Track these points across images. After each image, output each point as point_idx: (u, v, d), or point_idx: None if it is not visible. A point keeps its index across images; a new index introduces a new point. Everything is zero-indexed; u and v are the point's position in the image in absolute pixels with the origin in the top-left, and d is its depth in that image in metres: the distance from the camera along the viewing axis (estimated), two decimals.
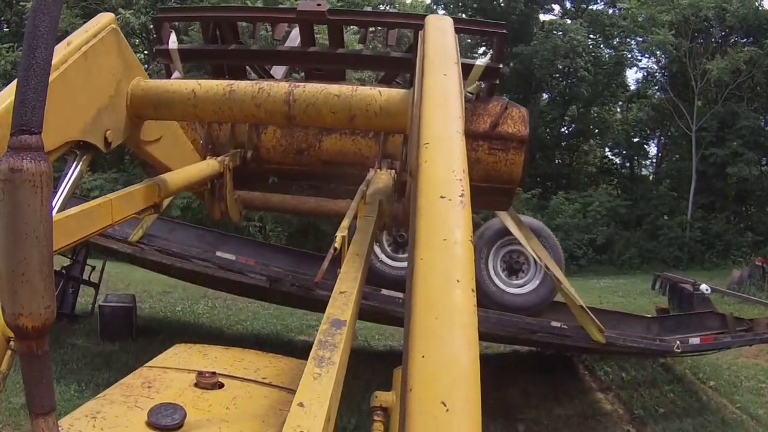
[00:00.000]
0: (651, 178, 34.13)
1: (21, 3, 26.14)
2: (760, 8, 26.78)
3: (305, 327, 10.79)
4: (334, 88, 2.50)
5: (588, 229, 26.54)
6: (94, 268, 10.44)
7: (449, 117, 1.66)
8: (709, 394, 8.69)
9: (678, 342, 6.85)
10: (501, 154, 4.22)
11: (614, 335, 6.86)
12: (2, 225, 1.09)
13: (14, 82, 1.91)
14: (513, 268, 7.61)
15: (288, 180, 4.64)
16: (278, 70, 5.35)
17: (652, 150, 35.21)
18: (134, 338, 9.13)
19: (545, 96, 33.23)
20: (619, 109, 35.40)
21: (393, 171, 3.71)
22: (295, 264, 7.95)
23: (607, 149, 35.28)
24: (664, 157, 33.61)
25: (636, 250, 26.88)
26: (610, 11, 32.40)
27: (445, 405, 0.94)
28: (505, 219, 6.83)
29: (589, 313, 6.66)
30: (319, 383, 1.30)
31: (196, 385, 2.01)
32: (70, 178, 2.27)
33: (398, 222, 3.41)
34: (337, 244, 2.12)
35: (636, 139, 33.88)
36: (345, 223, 2.28)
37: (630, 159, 34.08)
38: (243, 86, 2.55)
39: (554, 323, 6.97)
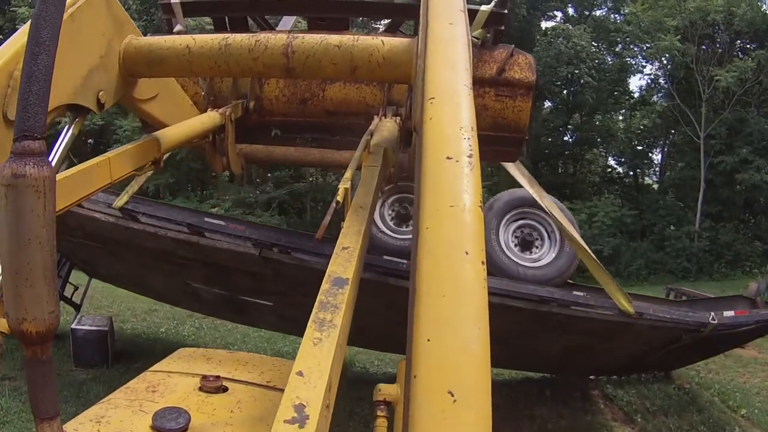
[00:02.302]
0: (656, 187, 33.41)
1: (12, 9, 25.66)
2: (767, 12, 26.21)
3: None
4: (334, 39, 2.45)
5: (594, 240, 25.74)
6: (77, 288, 9.65)
7: (456, 69, 1.55)
8: (742, 424, 7.96)
9: (712, 314, 6.22)
10: (508, 100, 4.15)
11: (644, 305, 6.21)
12: (5, 230, 1.10)
13: (15, 35, 2.03)
14: (526, 241, 7.06)
15: (291, 133, 4.53)
16: (285, 25, 5.17)
17: (657, 158, 34.55)
18: (110, 365, 8.33)
19: (548, 104, 32.54)
20: (621, 117, 34.70)
21: (398, 118, 3.57)
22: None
23: (611, 158, 34.55)
24: (668, 165, 32.92)
25: (643, 261, 26.12)
26: (613, 17, 31.91)
27: (452, 395, 0.88)
28: (515, 173, 6.30)
29: (615, 281, 6.13)
30: (320, 349, 1.22)
31: (200, 389, 2.00)
32: (62, 142, 2.22)
33: (404, 172, 3.37)
34: (339, 197, 2.03)
35: (640, 148, 33.17)
36: (348, 174, 2.20)
37: (634, 168, 33.37)
38: (239, 39, 2.50)
39: (576, 292, 6.35)
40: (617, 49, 30.95)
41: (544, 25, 32.42)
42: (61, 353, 8.67)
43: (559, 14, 33.92)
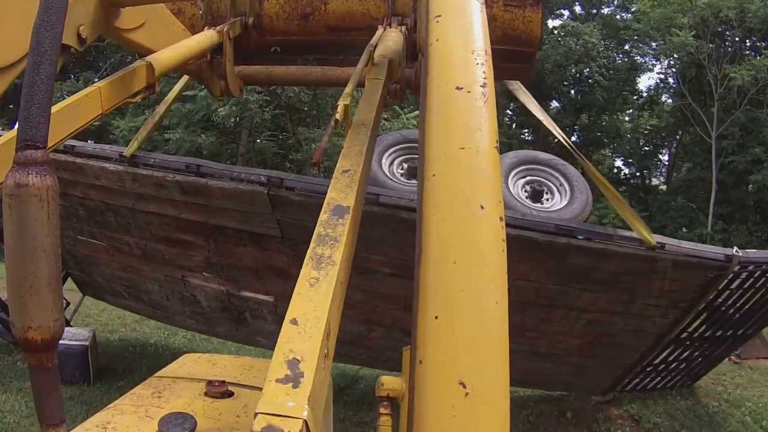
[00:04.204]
0: (663, 188, 32.79)
1: None
2: None
3: None
4: None
5: None
6: (68, 303, 9.05)
7: None
8: None
9: (736, 248, 5.78)
10: (518, 11, 3.96)
11: (665, 238, 5.73)
12: (10, 239, 1.10)
13: None
14: (536, 191, 6.79)
15: (293, 54, 4.34)
16: None
17: (664, 159, 33.93)
18: (92, 383, 7.70)
19: (556, 104, 31.88)
20: (627, 117, 34.05)
21: (403, 27, 3.39)
22: None
23: (620, 159, 33.91)
24: (676, 166, 32.29)
25: None
26: (620, 16, 31.26)
27: (464, 386, 0.77)
28: (523, 97, 6.05)
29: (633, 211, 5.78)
30: (317, 291, 1.08)
31: (206, 394, 1.98)
32: None
33: (410, 88, 3.24)
34: (338, 115, 1.85)
35: (647, 148, 32.56)
36: (349, 88, 2.08)
37: (642, 169, 32.72)
38: None
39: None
40: (626, 48, 30.36)
41: (551, 23, 31.85)
42: None
43: (566, 13, 33.40)
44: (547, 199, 6.76)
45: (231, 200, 5.97)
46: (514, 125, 32.34)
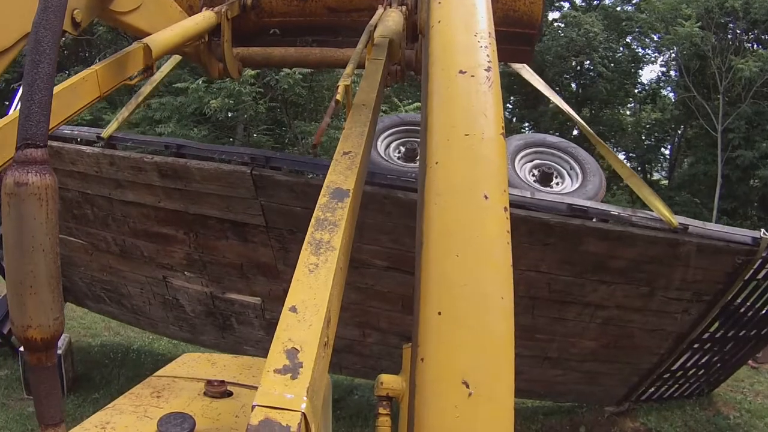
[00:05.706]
0: (665, 183, 32.35)
1: None
2: None
3: None
4: None
5: None
6: None
7: None
8: None
9: (763, 230, 5.50)
10: None
11: (687, 219, 5.34)
12: (9, 238, 1.10)
13: None
14: (545, 174, 6.42)
15: (292, 36, 4.30)
16: None
17: (667, 153, 33.46)
18: (65, 394, 7.13)
19: None
20: (629, 111, 33.56)
21: (404, 8, 3.30)
22: None
23: (622, 153, 33.42)
24: (678, 160, 31.85)
25: None
26: (621, 8, 30.71)
27: (467, 386, 0.74)
28: (529, 76, 5.88)
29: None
30: (316, 277, 1.03)
31: (205, 393, 1.96)
32: None
33: (411, 69, 3.26)
34: (339, 96, 1.81)
35: (649, 142, 32.08)
36: (349, 69, 2.04)
37: (644, 163, 32.25)
38: None
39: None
40: (628, 40, 29.86)
41: (551, 16, 31.31)
42: (11, 378, 7.51)
43: (566, 5, 32.83)
44: (557, 183, 6.39)
45: (212, 183, 5.63)
46: (514, 119, 31.82)
